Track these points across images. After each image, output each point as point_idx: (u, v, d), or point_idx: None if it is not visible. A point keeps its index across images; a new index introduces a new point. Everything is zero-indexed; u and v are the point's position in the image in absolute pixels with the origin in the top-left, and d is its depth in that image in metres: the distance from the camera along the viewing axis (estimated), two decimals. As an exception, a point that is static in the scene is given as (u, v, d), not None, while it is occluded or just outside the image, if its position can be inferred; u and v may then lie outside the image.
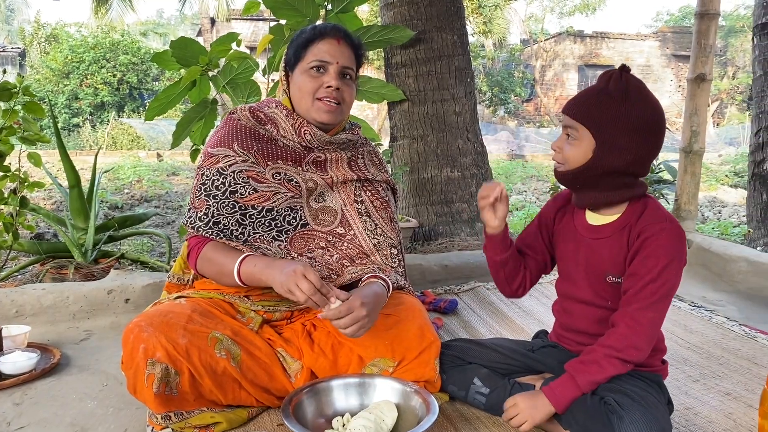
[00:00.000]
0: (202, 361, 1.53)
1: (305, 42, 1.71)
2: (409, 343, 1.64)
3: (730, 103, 21.03)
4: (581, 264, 1.59)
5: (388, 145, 4.10)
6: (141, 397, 1.51)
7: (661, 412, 1.43)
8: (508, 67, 20.71)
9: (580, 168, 1.49)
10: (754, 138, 4.63)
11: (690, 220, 3.36)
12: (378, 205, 1.85)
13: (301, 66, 1.71)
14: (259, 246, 1.70)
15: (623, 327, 1.45)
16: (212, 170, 1.69)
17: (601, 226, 1.56)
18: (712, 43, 3.18)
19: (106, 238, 3.13)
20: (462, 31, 3.92)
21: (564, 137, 1.51)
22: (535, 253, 1.71)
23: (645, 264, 1.45)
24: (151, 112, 3.13)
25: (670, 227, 1.46)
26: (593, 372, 1.45)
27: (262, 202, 1.70)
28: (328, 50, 1.69)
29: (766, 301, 2.76)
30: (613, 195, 1.51)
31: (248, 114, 1.77)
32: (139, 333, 1.51)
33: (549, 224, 1.70)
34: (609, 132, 1.43)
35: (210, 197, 1.67)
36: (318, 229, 1.77)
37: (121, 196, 6.93)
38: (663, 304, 1.45)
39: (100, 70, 15.39)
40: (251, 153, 1.72)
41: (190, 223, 1.69)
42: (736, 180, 9.06)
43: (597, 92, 1.46)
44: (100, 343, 2.28)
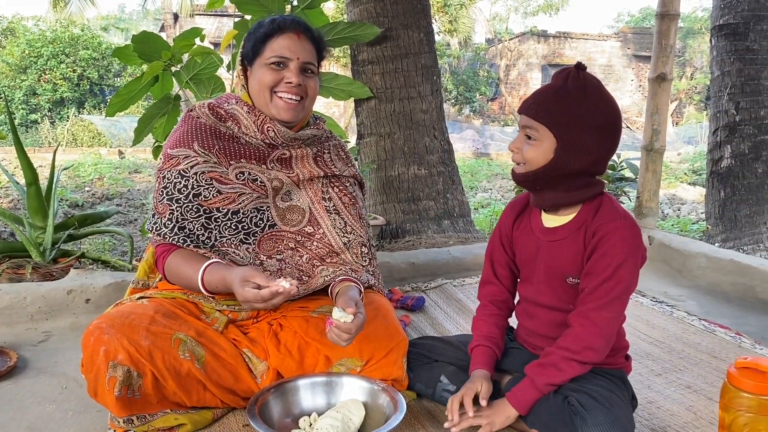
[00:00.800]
0: (166, 363, 1.50)
1: (264, 36, 1.64)
2: (378, 343, 1.63)
3: (688, 102, 21.54)
4: (540, 267, 1.57)
5: (355, 143, 4.09)
6: (102, 400, 1.48)
7: (624, 411, 1.43)
8: (473, 66, 20.87)
9: (541, 169, 1.45)
10: (712, 137, 4.76)
11: (651, 217, 3.43)
12: (346, 201, 1.83)
13: (260, 61, 1.65)
14: (227, 251, 1.67)
15: (578, 328, 1.44)
16: (173, 172, 1.64)
17: (558, 227, 1.53)
18: (672, 43, 3.25)
19: (65, 237, 3.05)
20: (428, 29, 3.93)
21: (523, 137, 1.47)
22: (503, 267, 1.68)
23: (599, 262, 1.43)
24: (112, 108, 3.06)
25: (625, 225, 1.44)
26: (552, 375, 1.44)
27: (227, 205, 1.66)
28: (288, 45, 1.63)
29: (724, 296, 2.83)
30: (573, 195, 1.48)
31: (207, 111, 1.71)
32: (100, 335, 1.47)
33: (508, 233, 1.66)
34: (571, 131, 1.40)
35: (173, 201, 1.63)
36: (286, 229, 1.75)
37: (81, 194, 6.77)
38: (618, 303, 1.43)
39: (59, 65, 15.02)
40: (213, 153, 1.67)
41: (155, 229, 1.65)
42: (695, 178, 9.29)
43: (555, 91, 1.42)
44: (59, 344, 2.22)
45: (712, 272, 2.97)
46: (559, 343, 1.46)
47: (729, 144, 4.60)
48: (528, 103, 1.45)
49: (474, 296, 2.66)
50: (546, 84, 1.48)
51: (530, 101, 1.45)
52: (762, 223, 4.45)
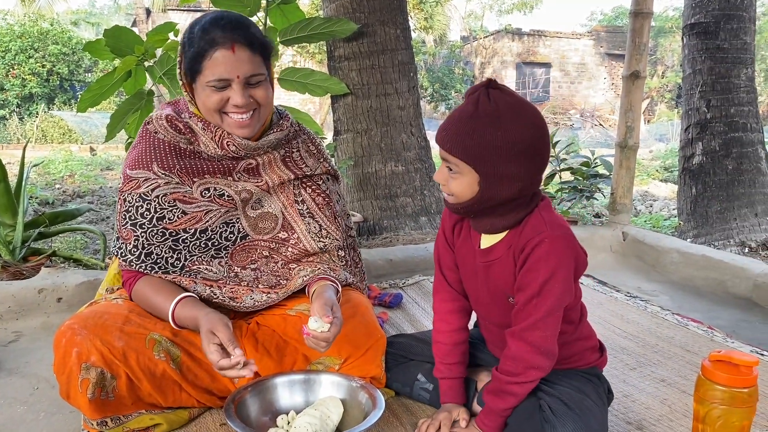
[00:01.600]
0: (140, 363, 1.47)
1: (197, 54, 1.48)
2: (356, 341, 1.61)
3: (659, 100, 21.89)
4: (483, 288, 1.50)
5: (332, 139, 4.07)
6: (75, 403, 1.45)
7: (595, 416, 1.40)
8: (449, 63, 20.97)
9: (469, 201, 1.36)
10: (683, 134, 4.83)
11: (625, 213, 3.47)
12: (320, 202, 1.75)
13: (201, 80, 1.50)
14: (198, 269, 1.63)
15: (516, 350, 1.38)
16: (134, 196, 1.57)
17: (491, 247, 1.45)
18: (646, 41, 3.29)
19: (36, 235, 2.99)
20: (405, 26, 3.92)
21: (445, 169, 1.37)
22: (453, 271, 1.59)
23: (525, 278, 1.36)
24: (83, 104, 3.00)
25: (550, 236, 1.35)
26: (507, 400, 1.41)
27: (194, 225, 1.60)
28: (225, 64, 1.47)
29: (696, 291, 2.88)
30: (510, 218, 1.40)
31: (166, 124, 1.60)
32: (72, 336, 1.44)
33: (451, 238, 1.57)
34: (490, 164, 1.30)
35: (137, 227, 1.56)
36: (259, 238, 1.69)
37: (52, 192, 6.64)
38: (551, 318, 1.36)
39: (27, 60, 14.75)
40: (174, 173, 1.57)
41: (120, 255, 1.59)
42: (666, 175, 9.41)
43: (467, 119, 1.30)
44: (30, 344, 2.17)
45: (685, 267, 3.02)
46: (501, 367, 1.41)
47: (700, 141, 4.68)
48: (441, 135, 1.34)
49: (451, 292, 2.66)
50: (459, 107, 1.35)
51: (443, 133, 1.34)
52: (732, 219, 4.54)
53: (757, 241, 4.38)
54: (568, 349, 1.50)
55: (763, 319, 2.53)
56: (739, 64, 4.61)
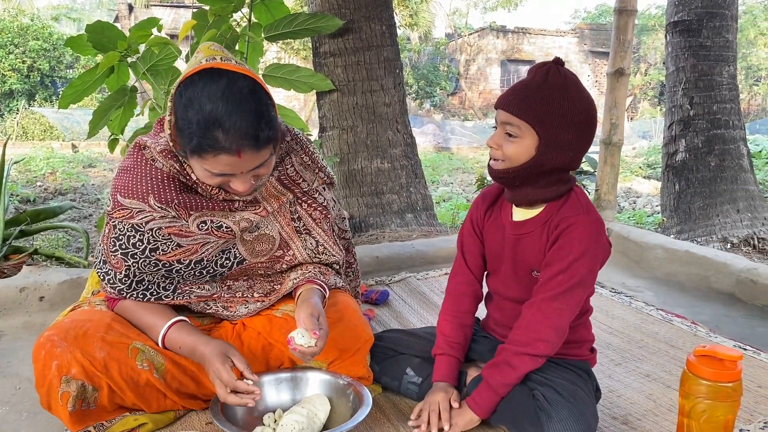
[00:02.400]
0: (123, 374, 1.44)
1: (196, 148, 1.32)
2: (342, 346, 1.60)
3: (642, 98, 22.06)
4: (508, 261, 1.56)
5: (318, 136, 4.05)
6: (56, 413, 1.43)
7: (588, 406, 1.44)
8: (434, 60, 20.98)
9: (521, 166, 1.42)
10: (667, 131, 4.87)
11: (609, 210, 3.49)
12: (317, 216, 1.70)
13: (199, 162, 1.36)
14: (192, 290, 1.60)
15: (527, 318, 1.43)
16: (125, 225, 1.46)
17: (525, 221, 1.52)
18: (630, 39, 3.30)
19: (17, 233, 2.95)
20: (390, 22, 3.91)
21: (502, 134, 1.43)
22: (475, 257, 1.65)
23: (556, 254, 1.42)
24: (65, 100, 2.95)
25: (586, 219, 1.43)
26: (507, 374, 1.43)
27: (189, 256, 1.52)
28: (229, 165, 1.33)
29: (680, 286, 2.90)
30: (550, 191, 1.46)
31: (162, 157, 1.48)
32: (52, 348, 1.40)
33: (480, 224, 1.64)
34: (553, 129, 1.38)
35: (128, 256, 1.47)
36: (256, 261, 1.64)
37: (33, 189, 6.56)
38: (571, 295, 1.41)
39: (7, 55, 14.55)
40: (171, 207, 1.46)
41: (109, 283, 1.52)
42: (649, 171, 9.50)
43: (537, 87, 1.39)
44: (12, 344, 2.14)
45: (669, 263, 3.04)
46: (510, 337, 1.45)
47: (683, 138, 4.72)
48: (508, 99, 1.41)
49: (438, 289, 2.67)
50: (524, 79, 1.44)
51: (510, 97, 1.41)
52: (715, 215, 4.58)
53: (738, 237, 4.43)
54: (574, 333, 1.54)
55: (745, 314, 2.56)
56: (721, 61, 4.66)
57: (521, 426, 1.43)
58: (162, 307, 1.56)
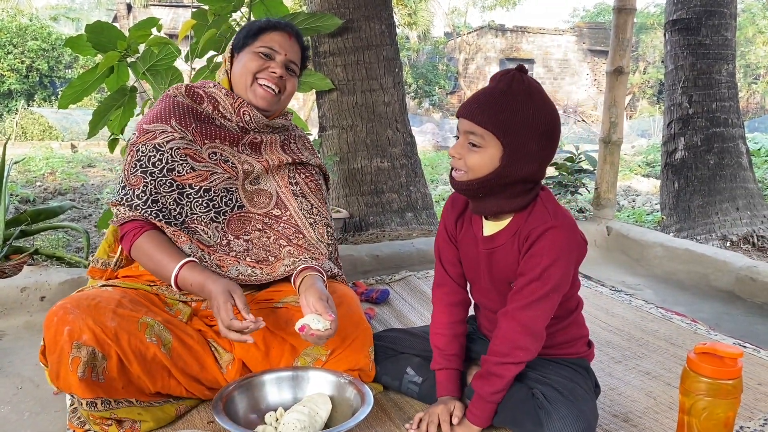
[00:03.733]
0: (132, 345, 1.47)
1: (258, 29, 1.73)
2: (343, 332, 1.61)
3: (641, 96, 22.06)
4: (485, 275, 1.54)
5: (317, 135, 4.06)
6: (65, 383, 1.42)
7: (587, 403, 1.44)
8: (433, 59, 20.97)
9: (485, 177, 1.38)
10: (666, 129, 4.88)
11: (609, 208, 3.50)
12: (312, 187, 1.88)
13: (250, 49, 1.72)
14: (196, 228, 1.66)
15: (505, 329, 1.42)
16: (148, 146, 1.64)
17: (495, 234, 1.49)
18: (629, 37, 3.31)
19: (18, 234, 2.95)
20: (390, 21, 3.91)
21: (465, 144, 1.39)
22: (454, 265, 1.62)
23: (528, 263, 1.41)
24: (65, 100, 2.96)
25: (556, 225, 1.39)
26: (494, 383, 1.43)
27: (200, 182, 1.68)
28: (279, 41, 1.73)
29: (679, 284, 2.91)
30: (516, 202, 1.43)
31: (184, 92, 1.76)
32: (64, 315, 1.43)
33: (454, 233, 1.60)
34: (518, 138, 1.34)
35: (147, 174, 1.62)
36: (254, 211, 1.77)
37: (32, 189, 6.55)
38: (545, 302, 1.39)
39: (6, 56, 14.52)
40: (189, 130, 1.69)
41: (126, 201, 1.61)
42: (649, 170, 9.50)
43: (501, 94, 1.35)
44: (13, 344, 2.15)
45: (668, 261, 3.05)
46: (490, 347, 1.45)
47: (682, 136, 4.72)
48: (471, 108, 1.37)
49: (438, 288, 2.67)
50: (486, 86, 1.40)
51: (474, 105, 1.37)
52: (714, 213, 4.59)
53: (738, 235, 4.44)
54: (563, 335, 1.54)
55: (745, 312, 2.57)
56: (720, 60, 4.67)
57: (522, 425, 1.44)
58: (175, 248, 1.61)
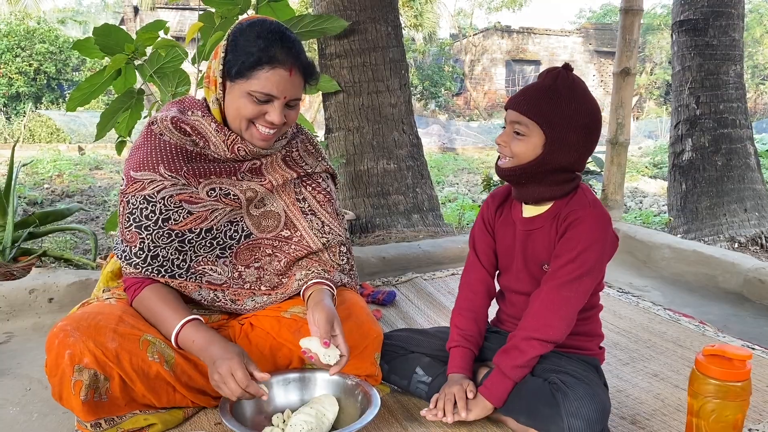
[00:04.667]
0: (134, 365, 1.46)
1: (254, 63, 1.47)
2: (352, 342, 1.59)
3: (648, 97, 21.99)
4: (519, 256, 1.62)
5: (324, 137, 4.06)
6: (67, 404, 1.44)
7: (602, 389, 1.49)
8: (438, 61, 20.96)
9: (528, 164, 1.50)
10: (673, 131, 4.86)
11: (616, 210, 3.48)
12: (321, 199, 1.76)
13: (244, 86, 1.49)
14: (204, 270, 1.62)
15: (537, 305, 1.49)
16: (138, 197, 1.54)
17: (535, 217, 1.58)
18: (636, 38, 3.30)
19: (26, 236, 2.96)
20: (396, 23, 3.92)
21: (510, 132, 1.51)
22: (487, 254, 1.71)
23: (565, 245, 1.49)
24: (72, 102, 2.97)
25: (593, 212, 1.49)
26: (515, 357, 1.47)
27: (200, 224, 1.59)
28: (278, 83, 1.49)
29: (687, 286, 2.90)
30: (556, 189, 1.53)
31: (171, 126, 1.58)
32: (65, 338, 1.42)
33: (491, 221, 1.70)
34: (559, 129, 1.46)
35: (142, 229, 1.54)
36: (262, 236, 1.70)
37: (40, 192, 6.59)
38: (579, 284, 1.47)
39: (14, 59, 14.60)
40: (180, 174, 1.56)
41: (125, 259, 1.56)
42: (656, 171, 9.48)
43: (546, 89, 1.48)
44: (22, 345, 2.15)
45: (676, 263, 3.04)
46: (520, 324, 1.51)
47: (690, 137, 4.71)
48: (518, 100, 1.50)
49: (445, 289, 2.67)
50: (534, 82, 1.53)
51: (521, 98, 1.50)
52: (722, 214, 4.57)
53: (746, 237, 4.42)
54: (585, 325, 1.59)
55: (753, 314, 2.55)
56: (727, 60, 4.65)
57: (536, 410, 1.44)
58: (179, 303, 1.56)
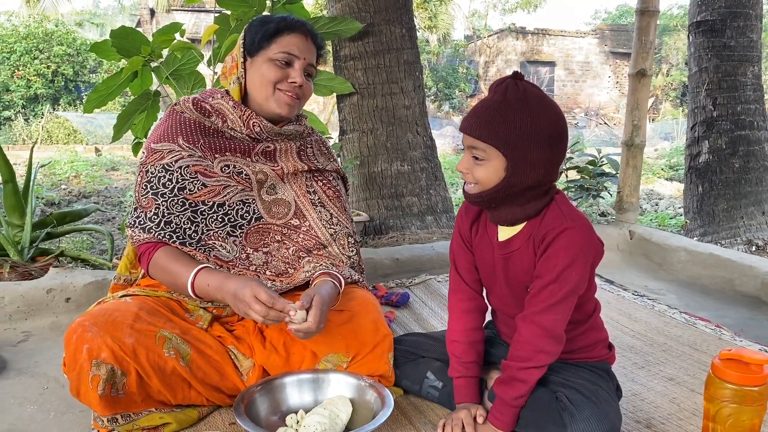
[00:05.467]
0: (150, 360, 1.48)
1: (273, 32, 1.66)
2: (364, 338, 1.62)
3: (664, 99, 21.81)
4: (501, 280, 1.54)
5: (338, 139, 4.07)
6: (85, 399, 1.46)
7: (611, 405, 1.43)
8: (453, 62, 20.96)
9: (494, 188, 1.39)
10: (690, 132, 4.82)
11: (632, 212, 3.46)
12: (330, 194, 1.85)
13: (266, 54, 1.67)
14: (213, 244, 1.66)
15: (526, 333, 1.41)
16: (157, 167, 1.63)
17: (511, 239, 1.49)
18: (652, 40, 3.28)
19: (43, 236, 3.00)
20: (410, 25, 3.92)
21: (469, 158, 1.41)
22: (469, 271, 1.61)
23: (545, 266, 1.40)
24: (90, 104, 3.01)
25: (571, 226, 1.39)
26: (517, 388, 1.42)
27: (213, 197, 1.66)
28: (297, 44, 1.67)
29: (703, 289, 2.87)
30: (529, 208, 1.44)
31: (191, 106, 1.73)
32: (83, 333, 1.45)
33: (468, 239, 1.60)
34: (519, 148, 1.34)
35: (158, 195, 1.62)
36: (272, 221, 1.75)
37: (58, 192, 6.67)
38: (564, 305, 1.39)
39: (32, 61, 14.79)
40: (197, 147, 1.67)
41: (139, 224, 1.61)
42: (672, 173, 9.39)
43: (497, 106, 1.35)
44: (39, 344, 2.18)
45: (692, 266, 3.01)
46: (511, 352, 1.44)
47: (707, 139, 4.67)
48: (470, 122, 1.38)
49: (458, 291, 2.66)
50: (484, 98, 1.41)
51: (472, 120, 1.38)
52: (739, 217, 4.52)
53: (764, 240, 4.37)
54: (583, 339, 1.53)
55: (771, 318, 2.53)
56: (745, 62, 4.60)
57: (545, 428, 1.43)
58: (190, 259, 1.61)
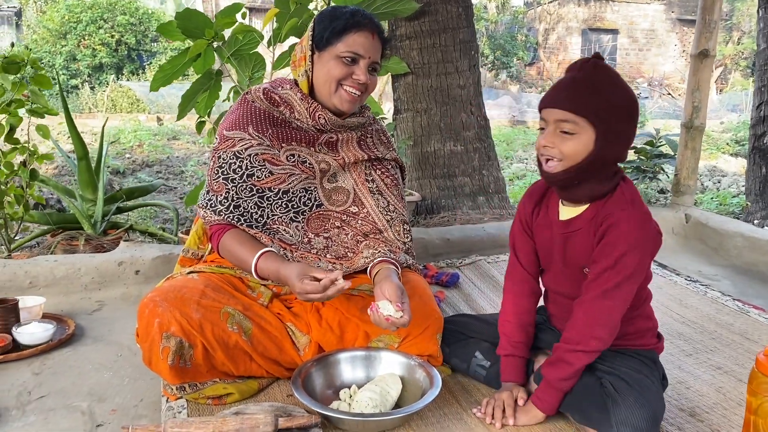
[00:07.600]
0: (215, 334, 1.60)
1: (341, 29, 1.71)
2: (415, 321, 1.68)
3: (734, 68, 20.82)
4: (558, 259, 1.58)
5: (392, 118, 4.11)
6: (156, 368, 1.59)
7: (654, 394, 1.46)
8: (511, 30, 20.45)
9: (581, 162, 1.42)
10: (755, 111, 4.64)
11: (689, 195, 3.41)
12: (389, 182, 1.92)
13: (333, 51, 1.72)
14: (278, 228, 1.76)
15: (580, 317, 1.45)
16: (228, 153, 1.74)
17: (572, 219, 1.53)
18: (717, 18, 3.17)
19: (114, 210, 3.17)
20: (467, 3, 3.90)
21: (555, 132, 1.43)
22: (527, 255, 1.67)
23: (603, 251, 1.43)
24: (156, 83, 3.14)
25: (632, 213, 1.43)
26: (563, 370, 1.46)
27: (278, 185, 1.77)
28: (363, 43, 1.72)
29: (760, 276, 2.82)
30: (607, 184, 1.47)
31: (262, 96, 1.82)
32: (154, 308, 1.58)
33: (529, 222, 1.65)
34: (609, 121, 1.40)
35: (228, 181, 1.73)
36: (332, 209, 1.84)
37: (122, 161, 6.92)
38: (620, 291, 1.42)
39: (98, 30, 15.16)
40: (266, 136, 1.77)
41: (210, 206, 1.73)
42: (738, 148, 9.03)
43: (586, 81, 1.41)
44: (112, 314, 2.34)
45: (750, 252, 2.96)
46: (563, 335, 1.48)
47: (773, 119, 4.49)
48: (559, 97, 1.43)
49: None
50: (567, 76, 1.45)
51: (562, 94, 1.43)
52: (803, 201, 4.36)
53: (828, 225, 4.21)
54: (631, 325, 1.56)
55: (829, 308, 2.47)
56: (818, 38, 4.38)
57: (587, 412, 1.47)
58: (256, 242, 1.73)
